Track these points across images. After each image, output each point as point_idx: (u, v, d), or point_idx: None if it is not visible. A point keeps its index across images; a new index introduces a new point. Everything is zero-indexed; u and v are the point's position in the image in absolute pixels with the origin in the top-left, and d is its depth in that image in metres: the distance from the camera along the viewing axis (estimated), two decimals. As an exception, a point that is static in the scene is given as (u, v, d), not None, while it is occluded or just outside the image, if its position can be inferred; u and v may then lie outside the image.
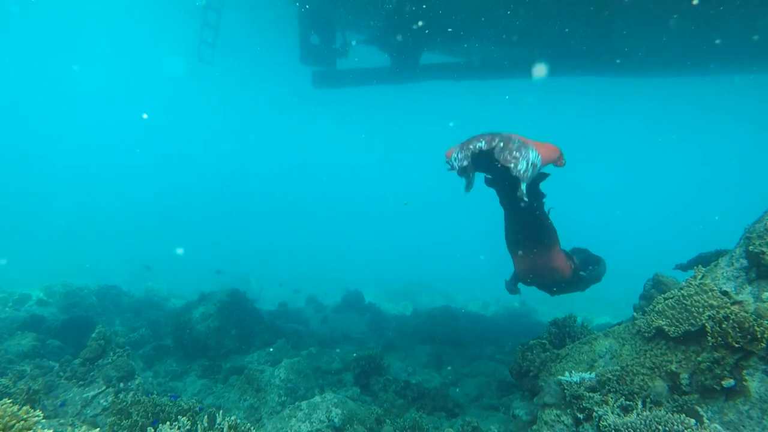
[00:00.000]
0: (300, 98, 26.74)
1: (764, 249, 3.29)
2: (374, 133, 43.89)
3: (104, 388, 5.20)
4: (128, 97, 47.73)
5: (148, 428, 3.47)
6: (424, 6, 9.01)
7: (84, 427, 3.66)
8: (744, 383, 2.97)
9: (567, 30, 9.17)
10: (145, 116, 49.86)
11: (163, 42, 28.64)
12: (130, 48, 34.15)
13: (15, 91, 44.70)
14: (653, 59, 10.39)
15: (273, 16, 14.34)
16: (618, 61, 10.24)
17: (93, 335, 5.58)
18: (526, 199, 3.40)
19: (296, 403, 4.93)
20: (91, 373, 5.34)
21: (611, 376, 3.52)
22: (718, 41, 9.26)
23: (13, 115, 48.58)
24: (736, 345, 3.01)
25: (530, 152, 3.43)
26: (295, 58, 11.01)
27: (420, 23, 9.52)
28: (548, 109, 28.75)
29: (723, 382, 2.98)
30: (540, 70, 10.55)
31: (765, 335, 2.94)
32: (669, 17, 8.60)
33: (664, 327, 3.41)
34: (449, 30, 9.76)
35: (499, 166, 3.46)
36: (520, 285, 4.83)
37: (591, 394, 3.46)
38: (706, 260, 4.42)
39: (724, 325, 3.08)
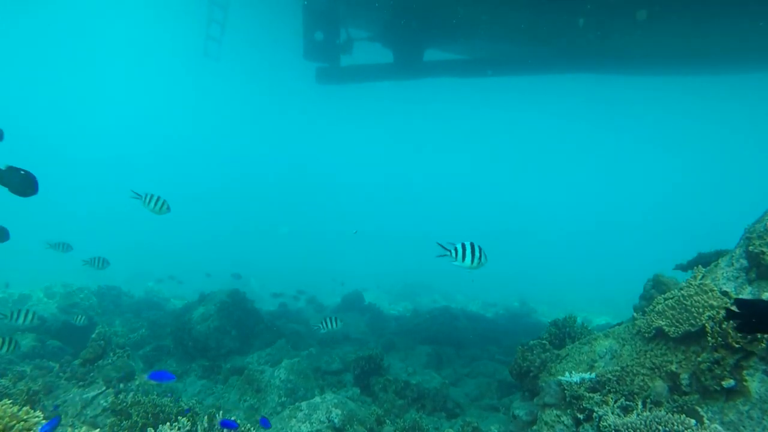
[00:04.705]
0: (303, 95, 26.85)
1: (764, 249, 3.29)
2: (376, 132, 43.86)
3: (104, 388, 5.19)
4: (130, 94, 47.75)
5: (149, 428, 3.47)
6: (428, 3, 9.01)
7: (84, 428, 3.65)
8: (744, 383, 2.97)
9: (574, 26, 9.14)
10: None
11: (168, 38, 28.72)
12: (133, 45, 34.16)
13: (14, 90, 44.71)
14: (653, 56, 10.39)
15: (277, 12, 14.34)
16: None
17: (93, 336, 5.58)
18: None
19: (296, 404, 4.93)
20: (91, 374, 5.33)
21: (611, 377, 3.52)
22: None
23: (13, 114, 48.58)
24: (737, 345, 3.01)
25: None
26: (299, 54, 11.07)
27: (424, 20, 9.52)
28: (547, 109, 28.75)
29: (723, 383, 2.98)
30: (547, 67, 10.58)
31: (765, 336, 2.94)
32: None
33: (665, 327, 3.41)
34: (453, 27, 9.74)
35: None
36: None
37: (591, 395, 3.46)
38: (706, 260, 4.42)
39: (724, 326, 3.07)
